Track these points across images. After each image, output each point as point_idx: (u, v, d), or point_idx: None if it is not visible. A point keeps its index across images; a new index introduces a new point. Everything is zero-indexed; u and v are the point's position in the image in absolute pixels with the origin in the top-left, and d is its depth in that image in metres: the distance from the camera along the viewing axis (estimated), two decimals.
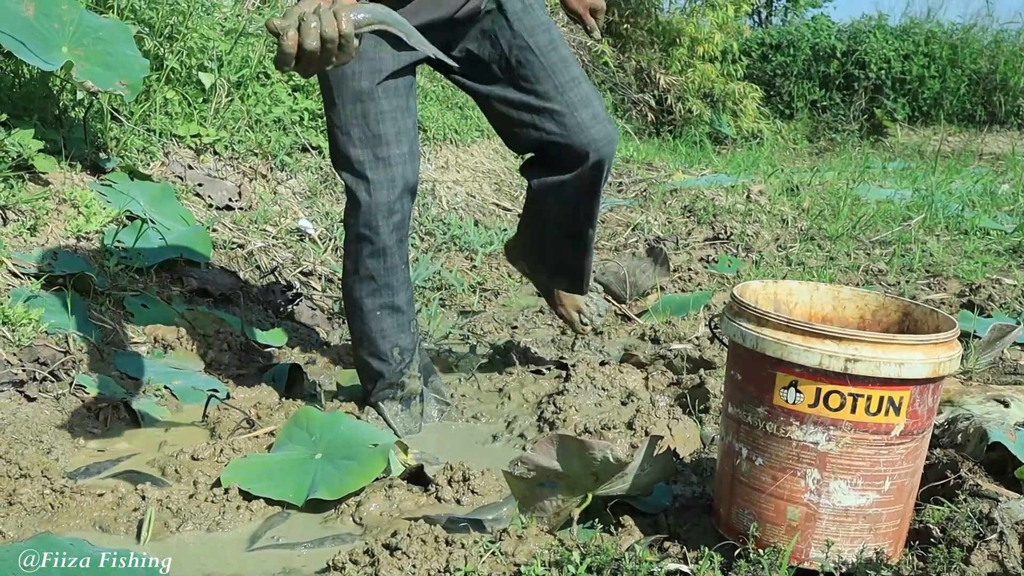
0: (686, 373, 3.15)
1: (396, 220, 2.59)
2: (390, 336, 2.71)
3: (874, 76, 12.87)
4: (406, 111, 2.60)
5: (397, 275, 2.67)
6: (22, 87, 3.83)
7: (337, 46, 1.77)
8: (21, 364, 2.69)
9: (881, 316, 2.10)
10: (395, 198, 2.57)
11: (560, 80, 2.68)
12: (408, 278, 2.72)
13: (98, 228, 3.51)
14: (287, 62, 1.77)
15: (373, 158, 2.55)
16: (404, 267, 2.69)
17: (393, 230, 2.60)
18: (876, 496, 1.82)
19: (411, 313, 2.75)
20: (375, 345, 2.72)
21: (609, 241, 5.42)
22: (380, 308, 2.69)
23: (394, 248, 2.62)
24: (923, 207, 6.24)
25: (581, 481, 2.04)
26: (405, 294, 2.71)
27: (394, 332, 2.71)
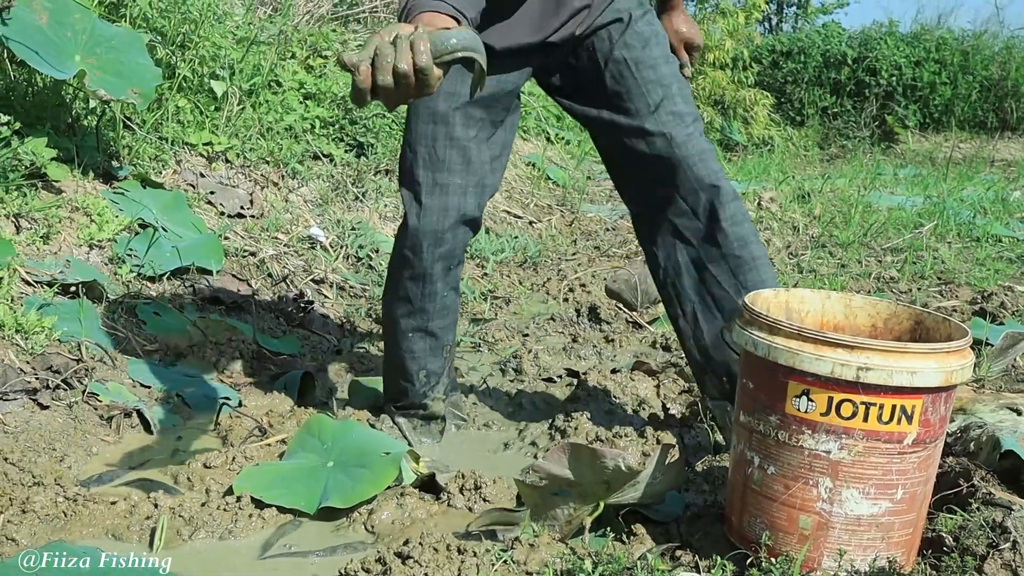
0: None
1: (443, 250, 2.53)
2: (419, 358, 2.69)
3: (885, 83, 12.86)
4: (485, 142, 2.53)
5: (435, 302, 2.61)
6: (35, 95, 3.85)
7: (414, 80, 1.64)
8: (34, 372, 2.70)
9: (893, 324, 2.10)
10: (445, 228, 2.50)
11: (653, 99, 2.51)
12: (451, 305, 2.67)
13: (111, 236, 3.53)
14: (363, 99, 1.66)
15: (432, 183, 2.48)
16: (448, 294, 2.63)
17: (438, 259, 2.54)
18: (889, 505, 1.82)
19: (447, 339, 2.71)
20: (403, 364, 2.71)
21: (620, 248, 5.42)
22: (413, 330, 2.66)
23: (437, 276, 2.57)
24: (935, 214, 6.23)
25: (593, 489, 2.04)
26: (442, 320, 2.66)
27: (424, 355, 2.69)
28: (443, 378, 2.75)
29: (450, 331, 2.71)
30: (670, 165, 2.49)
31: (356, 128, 5.45)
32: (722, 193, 2.50)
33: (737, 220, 2.53)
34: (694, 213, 2.53)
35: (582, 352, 3.65)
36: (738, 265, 2.52)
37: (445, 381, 2.76)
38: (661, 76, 2.50)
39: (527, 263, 5.06)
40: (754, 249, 2.54)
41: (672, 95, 2.50)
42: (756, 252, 2.54)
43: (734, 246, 2.52)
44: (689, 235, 2.55)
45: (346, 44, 6.20)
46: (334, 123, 5.39)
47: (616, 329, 3.96)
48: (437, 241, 2.51)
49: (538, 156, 7.24)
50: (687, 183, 2.50)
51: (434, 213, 2.49)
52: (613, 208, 6.72)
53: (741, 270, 2.52)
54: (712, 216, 2.51)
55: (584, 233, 5.93)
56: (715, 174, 2.51)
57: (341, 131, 5.41)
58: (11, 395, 2.57)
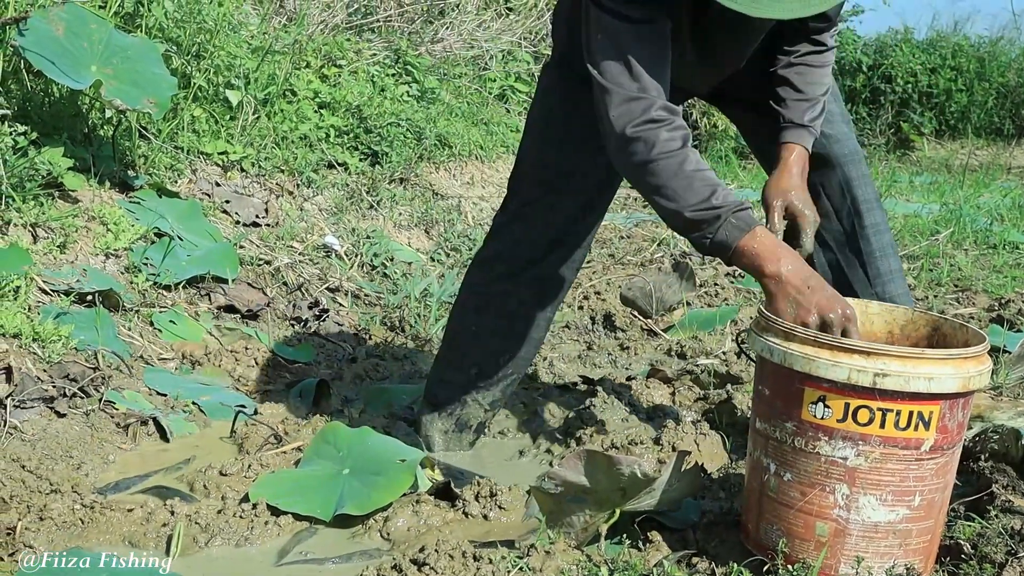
0: (713, 388, 3.14)
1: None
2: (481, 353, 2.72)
3: (900, 90, 12.81)
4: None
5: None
6: (52, 106, 3.86)
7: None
8: (51, 380, 2.71)
9: (910, 331, 2.09)
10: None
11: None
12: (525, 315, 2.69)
13: (127, 245, 3.54)
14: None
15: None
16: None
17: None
18: (906, 512, 1.81)
19: (514, 350, 2.71)
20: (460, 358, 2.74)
21: (635, 256, 5.41)
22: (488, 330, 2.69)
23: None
24: (951, 221, 6.20)
25: (609, 496, 2.04)
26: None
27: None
28: (492, 389, 2.74)
29: (519, 343, 2.70)
30: (823, 161, 2.45)
31: (371, 137, 5.46)
32: (869, 199, 2.50)
33: (880, 229, 2.52)
34: (837, 215, 2.50)
35: (597, 360, 3.65)
36: (876, 275, 2.51)
37: (495, 394, 2.75)
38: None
39: None
40: (892, 262, 2.53)
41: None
42: (894, 265, 2.53)
43: (875, 256, 2.50)
44: (829, 238, 2.51)
45: (360, 53, 6.21)
46: (349, 132, 5.40)
47: (631, 337, 3.95)
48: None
49: None
50: (835, 183, 2.49)
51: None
52: (628, 216, 6.71)
53: (879, 280, 2.51)
54: (856, 221, 2.49)
55: (599, 241, 5.92)
56: (863, 178, 2.50)
57: (356, 140, 5.42)
58: (28, 403, 2.58)
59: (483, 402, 2.74)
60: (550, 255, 2.60)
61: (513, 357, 2.70)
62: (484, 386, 2.72)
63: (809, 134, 2.31)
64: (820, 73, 2.36)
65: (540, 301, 2.66)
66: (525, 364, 2.76)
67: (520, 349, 2.70)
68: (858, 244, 2.49)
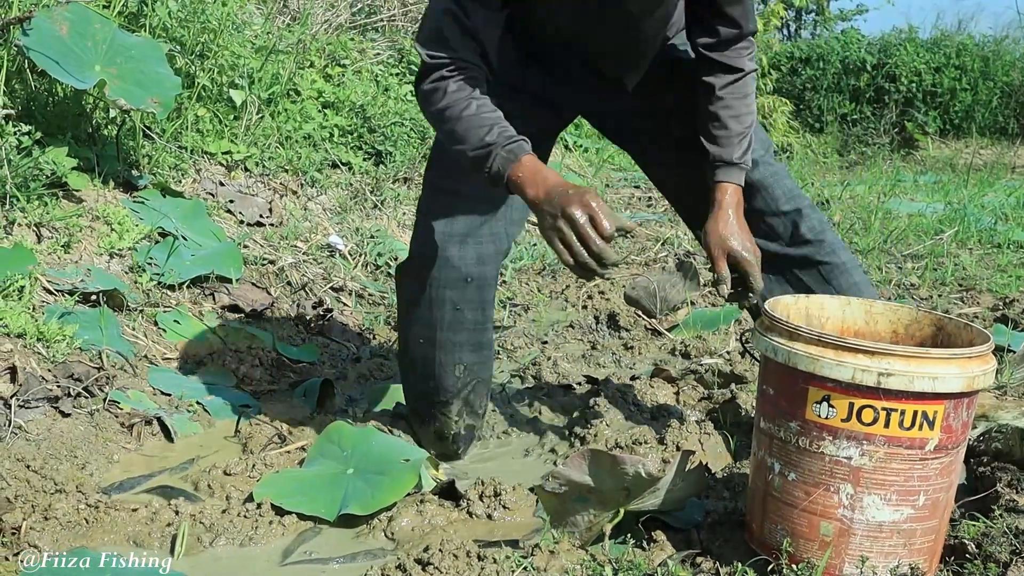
0: (717, 388, 3.14)
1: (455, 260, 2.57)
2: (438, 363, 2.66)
3: (904, 89, 12.81)
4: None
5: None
6: (56, 105, 3.87)
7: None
8: (56, 380, 2.71)
9: (914, 330, 2.09)
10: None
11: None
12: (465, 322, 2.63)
13: (131, 245, 3.54)
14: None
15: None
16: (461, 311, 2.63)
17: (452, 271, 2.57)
18: (911, 511, 1.81)
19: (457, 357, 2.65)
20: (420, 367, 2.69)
21: (639, 256, 5.41)
22: (423, 338, 2.64)
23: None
24: (955, 220, 6.20)
25: (613, 496, 2.03)
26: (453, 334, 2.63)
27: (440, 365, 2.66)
28: (456, 400, 2.66)
29: (466, 351, 2.65)
30: (750, 190, 2.52)
31: (374, 136, 5.46)
32: (802, 209, 2.57)
33: (819, 230, 2.58)
34: (777, 234, 2.58)
35: (601, 359, 3.65)
36: (829, 271, 2.58)
37: (459, 404, 2.67)
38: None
39: (545, 270, 5.06)
40: (842, 255, 2.60)
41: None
42: (845, 257, 2.60)
43: (823, 252, 2.57)
44: (776, 259, 2.58)
45: (364, 53, 6.22)
46: (352, 132, 5.40)
47: (635, 336, 3.95)
48: (445, 244, 2.54)
49: (556, 164, 7.23)
50: (769, 205, 2.56)
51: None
52: (632, 215, 6.71)
53: (833, 274, 2.58)
54: (795, 232, 2.57)
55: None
56: (792, 191, 2.58)
57: (359, 140, 5.43)
58: (33, 403, 2.59)
59: (450, 415, 2.67)
60: (474, 246, 2.55)
61: (466, 365, 2.64)
62: (446, 399, 2.66)
63: (740, 170, 2.41)
64: (745, 104, 2.43)
65: (478, 299, 2.59)
66: (481, 368, 2.68)
67: (469, 356, 2.64)
68: (803, 251, 2.58)
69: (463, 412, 2.68)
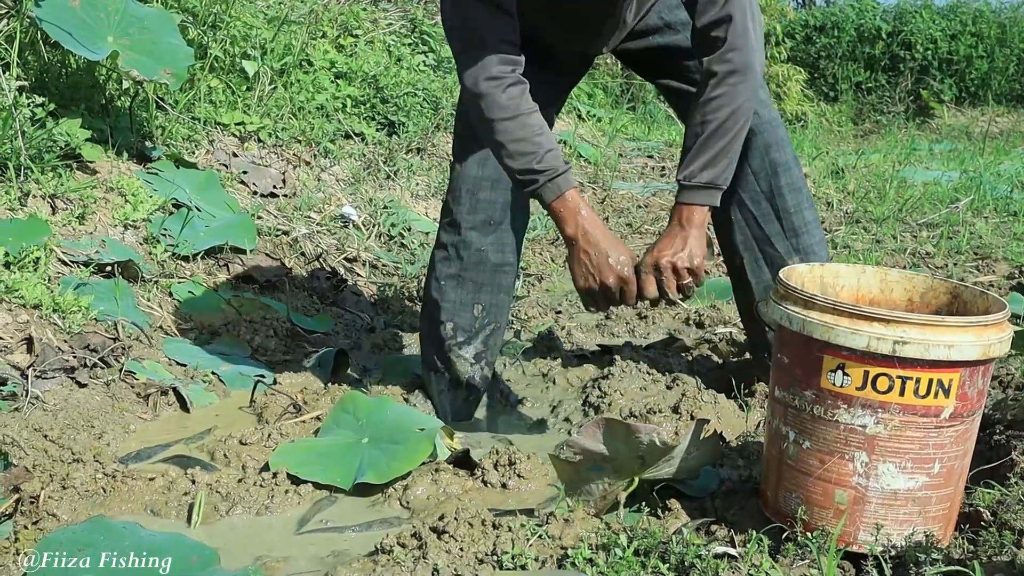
0: (731, 357, 3.13)
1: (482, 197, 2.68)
2: (449, 309, 2.73)
3: (920, 57, 12.72)
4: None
5: (470, 251, 2.73)
6: (69, 77, 3.87)
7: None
8: (72, 351, 2.73)
9: (929, 298, 2.08)
10: (484, 175, 2.67)
11: None
12: (488, 262, 2.72)
13: (145, 216, 3.55)
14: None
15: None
16: (486, 249, 2.72)
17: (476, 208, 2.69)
18: (926, 479, 1.81)
19: (482, 298, 2.73)
20: (434, 315, 2.76)
21: (652, 225, 5.40)
22: (446, 277, 2.72)
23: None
24: (971, 189, 6.16)
25: (627, 465, 2.04)
26: (477, 273, 2.73)
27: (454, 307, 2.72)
28: (474, 341, 2.74)
29: (486, 291, 2.72)
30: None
31: (387, 107, 5.45)
32: (786, 161, 2.67)
33: (795, 187, 2.69)
34: (755, 177, 2.67)
35: (615, 329, 3.64)
36: (791, 228, 2.69)
37: (478, 346, 2.74)
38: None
39: (559, 240, 5.05)
40: (807, 214, 2.71)
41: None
42: (808, 217, 2.71)
43: (790, 211, 2.68)
44: (747, 197, 2.69)
45: (376, 23, 6.20)
46: (365, 102, 5.39)
47: (649, 306, 3.94)
48: (476, 187, 2.66)
49: (569, 134, 7.21)
50: (755, 148, 2.64)
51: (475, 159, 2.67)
52: (645, 185, 6.69)
53: (793, 232, 2.69)
54: (773, 181, 2.67)
55: (616, 210, 5.91)
56: (780, 143, 2.67)
57: (372, 110, 5.42)
58: (50, 373, 2.60)
59: (467, 356, 2.73)
60: (497, 202, 2.68)
61: (484, 306, 2.72)
62: (464, 340, 2.72)
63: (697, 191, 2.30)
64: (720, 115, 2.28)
65: (499, 245, 2.70)
66: (499, 312, 2.76)
67: (488, 297, 2.72)
68: (775, 202, 2.68)
69: (480, 358, 2.74)
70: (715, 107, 2.27)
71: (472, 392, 2.76)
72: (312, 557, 2.00)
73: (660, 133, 8.88)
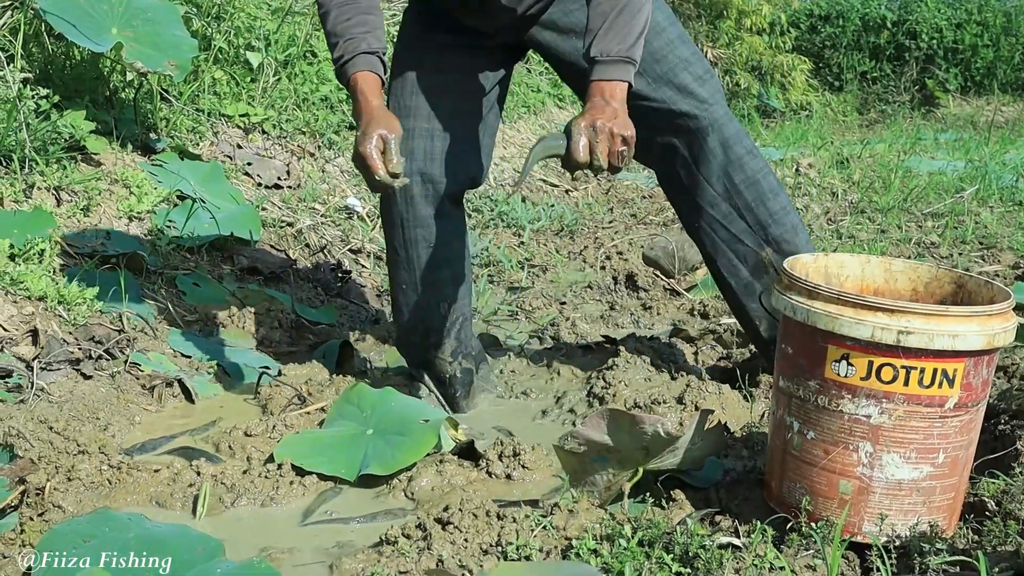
0: (736, 347, 3.13)
1: (415, 191, 2.61)
2: (414, 311, 2.73)
3: (925, 46, 12.67)
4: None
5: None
6: (73, 69, 3.87)
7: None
8: (77, 343, 2.73)
9: (934, 288, 2.08)
10: (412, 171, 2.57)
11: None
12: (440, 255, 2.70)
13: (149, 208, 3.55)
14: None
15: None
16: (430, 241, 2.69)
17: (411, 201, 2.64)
18: (930, 469, 1.81)
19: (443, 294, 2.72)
20: (401, 319, 2.77)
21: (657, 216, 5.40)
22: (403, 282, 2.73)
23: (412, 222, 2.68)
24: (976, 178, 6.15)
25: (632, 455, 2.04)
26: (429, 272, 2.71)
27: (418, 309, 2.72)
28: (447, 339, 2.74)
29: (448, 288, 2.72)
30: (690, 133, 2.62)
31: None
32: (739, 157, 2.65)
33: (752, 181, 2.67)
34: (708, 181, 2.67)
35: (619, 320, 3.64)
36: (756, 222, 2.68)
37: (452, 343, 2.75)
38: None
39: (563, 231, 5.05)
40: (771, 204, 2.70)
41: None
42: (773, 206, 2.70)
43: (751, 206, 2.68)
44: (705, 202, 2.70)
45: None
46: None
47: (653, 296, 3.95)
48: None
49: (550, 120, 7.20)
50: (705, 151, 2.64)
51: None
52: (649, 176, 6.68)
53: (759, 225, 2.68)
54: (726, 182, 2.66)
55: (620, 201, 5.91)
56: (731, 139, 2.64)
57: None
58: (55, 365, 2.61)
59: (445, 355, 2.74)
60: (416, 191, 2.61)
61: (448, 302, 2.72)
62: (437, 340, 2.73)
63: (612, 65, 2.26)
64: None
65: (432, 239, 2.67)
66: (463, 305, 2.76)
67: (448, 291, 2.72)
68: (734, 200, 2.67)
69: (457, 353, 2.75)
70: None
71: (456, 387, 2.78)
72: (317, 548, 2.01)
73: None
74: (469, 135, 2.67)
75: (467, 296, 2.78)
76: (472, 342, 2.84)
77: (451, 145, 2.62)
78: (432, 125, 2.60)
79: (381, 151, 2.23)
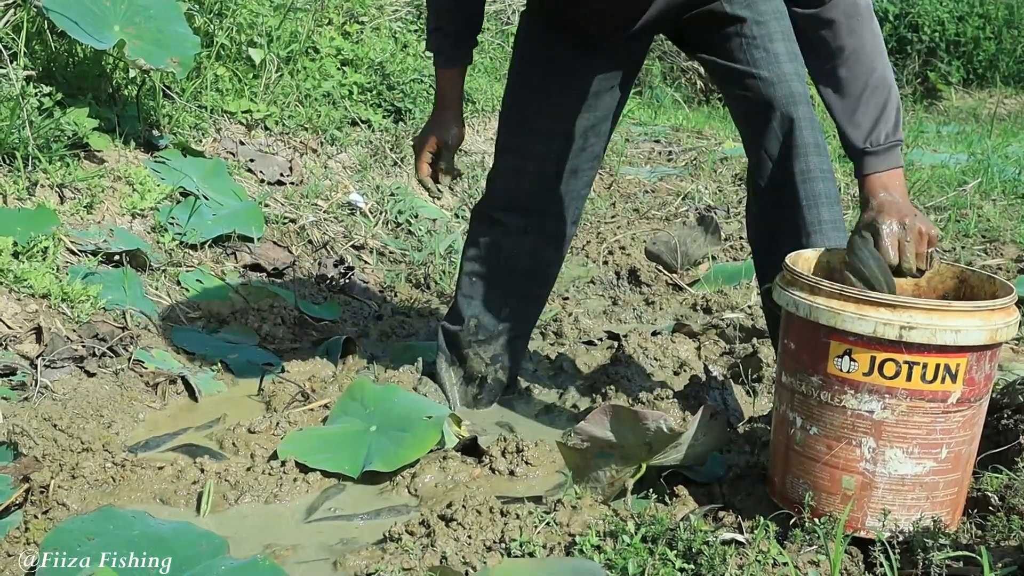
0: (739, 343, 3.14)
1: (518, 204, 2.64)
2: (474, 305, 2.71)
3: (927, 39, 12.64)
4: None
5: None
6: (76, 66, 3.87)
7: None
8: (80, 340, 2.73)
9: (936, 283, 2.08)
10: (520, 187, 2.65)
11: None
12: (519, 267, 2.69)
13: (153, 205, 3.55)
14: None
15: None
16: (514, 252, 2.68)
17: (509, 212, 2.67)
18: (933, 464, 1.81)
19: (509, 300, 2.71)
20: (458, 307, 2.74)
21: (660, 211, 5.39)
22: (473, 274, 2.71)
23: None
24: (979, 171, 6.13)
25: (635, 451, 2.04)
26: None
27: (480, 304, 2.71)
28: (494, 343, 2.72)
29: (514, 297, 2.70)
30: (761, 105, 2.42)
31: (394, 94, 5.44)
32: (805, 144, 2.40)
33: (810, 177, 2.39)
34: (772, 160, 2.40)
35: (622, 315, 3.65)
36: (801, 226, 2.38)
37: (496, 349, 2.73)
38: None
39: None
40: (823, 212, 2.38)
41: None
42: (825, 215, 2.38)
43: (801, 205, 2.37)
44: (764, 185, 2.43)
45: (383, 10, 6.18)
46: (371, 89, 5.38)
47: (656, 291, 3.95)
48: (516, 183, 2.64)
49: None
50: (772, 127, 2.40)
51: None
52: (652, 170, 6.68)
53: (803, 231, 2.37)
54: (786, 167, 2.38)
55: (623, 195, 5.90)
56: (803, 122, 2.42)
57: (379, 97, 5.41)
58: (59, 363, 2.61)
59: (484, 356, 2.72)
60: (537, 204, 2.61)
61: (512, 311, 2.70)
62: (484, 339, 2.71)
63: (874, 156, 2.07)
64: (868, 62, 2.09)
65: (534, 252, 2.66)
66: (525, 320, 2.75)
67: (517, 303, 2.70)
68: (787, 193, 2.37)
69: (496, 360, 2.73)
70: (852, 58, 2.07)
71: (484, 391, 2.76)
72: (321, 545, 2.01)
73: (667, 117, 8.86)
74: (591, 151, 2.62)
75: (533, 317, 2.80)
76: (518, 359, 2.81)
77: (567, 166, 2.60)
78: (549, 147, 2.57)
79: (432, 152, 2.54)
